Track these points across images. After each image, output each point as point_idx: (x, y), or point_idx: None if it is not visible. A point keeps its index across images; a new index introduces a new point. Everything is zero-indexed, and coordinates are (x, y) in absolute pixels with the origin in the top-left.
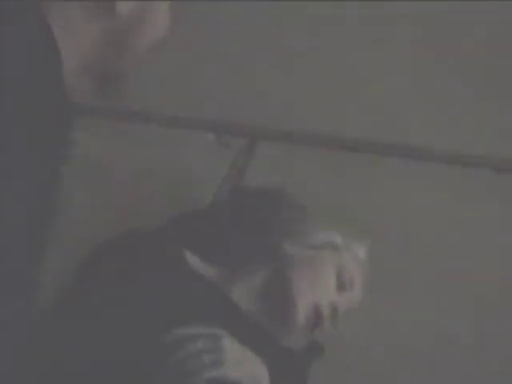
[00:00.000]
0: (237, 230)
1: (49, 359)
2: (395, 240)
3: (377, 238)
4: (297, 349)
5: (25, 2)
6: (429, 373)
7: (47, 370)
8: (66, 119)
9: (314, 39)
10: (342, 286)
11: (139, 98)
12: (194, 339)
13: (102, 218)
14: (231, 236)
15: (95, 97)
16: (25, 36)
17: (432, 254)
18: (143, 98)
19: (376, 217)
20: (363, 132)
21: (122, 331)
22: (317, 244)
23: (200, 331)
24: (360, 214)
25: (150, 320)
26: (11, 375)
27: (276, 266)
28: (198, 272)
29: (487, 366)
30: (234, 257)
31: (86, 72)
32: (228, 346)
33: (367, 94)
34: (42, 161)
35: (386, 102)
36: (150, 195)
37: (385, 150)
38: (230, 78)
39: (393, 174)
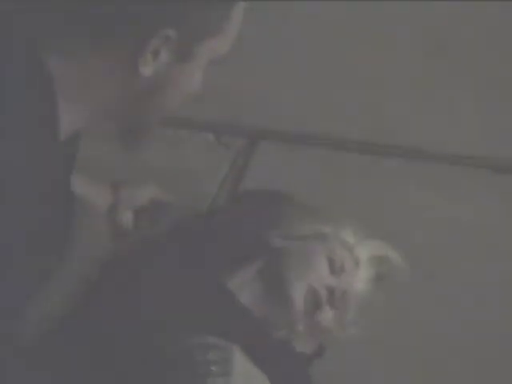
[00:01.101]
0: (235, 232)
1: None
2: (395, 240)
3: (377, 237)
4: (299, 350)
5: (30, 59)
6: (429, 373)
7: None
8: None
9: (314, 39)
10: (334, 270)
11: None
12: (205, 349)
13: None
14: (230, 238)
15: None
16: (25, 92)
17: (431, 254)
18: None
19: (376, 217)
20: (363, 132)
21: (133, 336)
22: (305, 235)
23: (211, 342)
24: (360, 214)
25: (163, 327)
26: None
27: (267, 259)
28: (208, 279)
29: (487, 366)
30: (232, 255)
31: (110, 120)
32: (237, 360)
33: (367, 94)
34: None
35: (385, 102)
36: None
37: (385, 150)
38: (230, 78)
39: (393, 174)
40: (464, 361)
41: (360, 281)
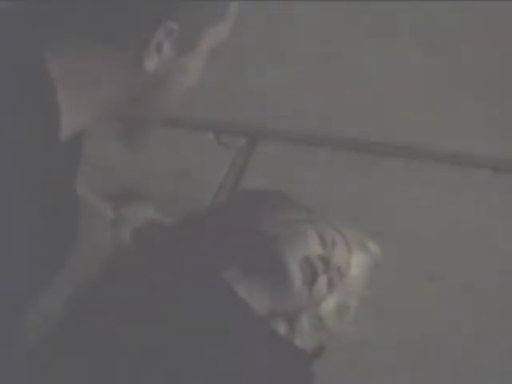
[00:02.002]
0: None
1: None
2: (395, 240)
3: (377, 237)
4: (300, 346)
5: (27, 57)
6: (429, 372)
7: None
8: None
9: (314, 39)
10: (326, 245)
11: None
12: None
13: None
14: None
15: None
16: (23, 90)
17: (432, 254)
18: None
19: (376, 217)
20: (363, 132)
21: (133, 336)
22: (293, 219)
23: None
24: (360, 213)
25: (163, 323)
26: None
27: (259, 242)
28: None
29: (486, 366)
30: (230, 253)
31: (111, 119)
32: None
33: (367, 94)
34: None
35: (386, 102)
36: (150, 195)
37: (385, 150)
38: (229, 78)
39: (393, 174)
40: (464, 360)
41: (353, 266)
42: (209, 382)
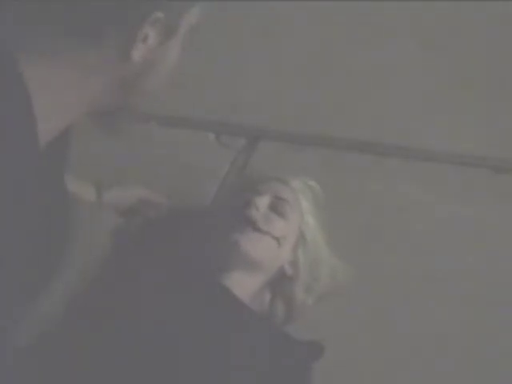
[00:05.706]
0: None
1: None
2: (395, 240)
3: (377, 238)
4: (297, 339)
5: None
6: (429, 372)
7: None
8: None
9: (314, 40)
10: (274, 209)
11: None
12: None
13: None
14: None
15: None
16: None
17: (432, 254)
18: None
19: (376, 217)
20: (363, 132)
21: (133, 333)
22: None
23: None
24: (360, 214)
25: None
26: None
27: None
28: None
29: (486, 365)
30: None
31: (95, 112)
32: None
33: (367, 94)
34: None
35: (386, 102)
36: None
37: (385, 151)
38: (229, 78)
39: (393, 174)
40: (463, 361)
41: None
42: (209, 380)
